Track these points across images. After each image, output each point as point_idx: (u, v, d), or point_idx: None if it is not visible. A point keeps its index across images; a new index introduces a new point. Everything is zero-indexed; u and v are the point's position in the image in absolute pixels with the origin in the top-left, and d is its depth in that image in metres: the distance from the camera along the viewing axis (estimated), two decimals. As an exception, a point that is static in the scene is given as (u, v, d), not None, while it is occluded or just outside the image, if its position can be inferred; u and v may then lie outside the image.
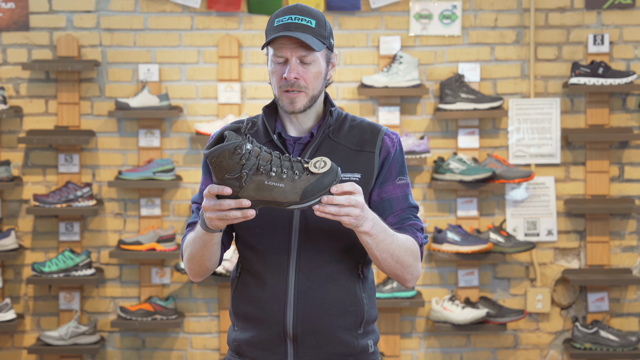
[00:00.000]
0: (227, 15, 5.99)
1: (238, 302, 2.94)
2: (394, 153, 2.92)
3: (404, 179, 2.94)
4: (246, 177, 2.62)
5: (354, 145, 2.90)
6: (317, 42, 2.84)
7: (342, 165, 2.87)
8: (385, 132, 2.94)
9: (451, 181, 5.82)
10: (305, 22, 2.83)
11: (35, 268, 5.82)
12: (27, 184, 6.00)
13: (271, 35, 2.84)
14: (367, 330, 2.93)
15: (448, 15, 5.97)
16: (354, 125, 2.95)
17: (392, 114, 5.95)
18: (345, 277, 2.88)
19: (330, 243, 2.86)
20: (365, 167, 2.89)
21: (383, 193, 2.91)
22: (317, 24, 2.84)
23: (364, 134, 2.92)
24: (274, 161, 2.64)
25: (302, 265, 2.85)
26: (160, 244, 5.85)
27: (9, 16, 5.96)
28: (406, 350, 6.02)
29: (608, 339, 5.79)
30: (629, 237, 6.00)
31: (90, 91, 6.00)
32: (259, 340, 2.90)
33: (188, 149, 6.00)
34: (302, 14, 2.84)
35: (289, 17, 2.83)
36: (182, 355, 6.03)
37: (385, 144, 2.92)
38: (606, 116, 5.95)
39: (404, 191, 2.92)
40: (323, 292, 2.84)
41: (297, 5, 2.88)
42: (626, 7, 5.96)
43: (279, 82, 2.86)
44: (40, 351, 5.84)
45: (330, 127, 2.92)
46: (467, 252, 5.79)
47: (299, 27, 2.82)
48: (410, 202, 2.94)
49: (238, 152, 2.61)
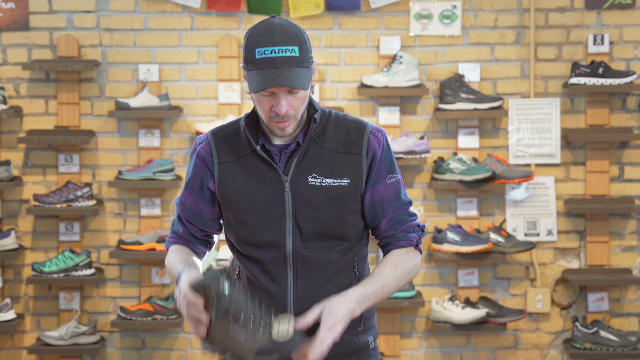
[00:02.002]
0: (227, 15, 5.99)
1: None
2: (381, 152, 2.88)
3: (394, 176, 2.90)
4: (215, 318, 2.65)
5: (340, 147, 2.86)
6: (305, 76, 2.76)
7: (331, 170, 2.84)
8: (370, 131, 2.89)
9: (451, 181, 5.82)
10: (289, 54, 2.73)
11: (35, 268, 5.82)
12: (27, 184, 6.00)
13: (259, 73, 2.73)
14: (366, 327, 2.94)
15: (448, 15, 5.97)
16: (339, 124, 2.89)
17: (392, 114, 5.95)
18: (341, 277, 2.88)
19: (325, 250, 2.86)
20: (354, 171, 2.85)
21: (374, 195, 2.88)
22: (300, 50, 2.75)
23: (349, 135, 2.87)
24: (245, 311, 2.63)
25: (299, 272, 2.85)
26: (160, 244, 5.85)
27: (9, 16, 5.96)
28: (406, 350, 6.02)
29: (608, 339, 5.80)
30: (629, 237, 6.00)
31: (90, 91, 6.00)
32: None
33: (188, 149, 6.00)
34: (284, 42, 2.73)
35: (272, 50, 2.72)
36: (182, 355, 6.03)
37: (371, 144, 2.87)
38: (606, 116, 5.96)
39: (395, 189, 2.90)
40: (321, 295, 2.84)
41: (275, 28, 2.76)
42: (626, 7, 5.96)
43: (267, 112, 2.78)
44: (40, 351, 5.85)
45: (315, 130, 2.87)
46: (467, 252, 5.79)
47: (285, 61, 2.72)
48: (402, 200, 2.91)
49: (212, 291, 2.63)
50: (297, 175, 2.83)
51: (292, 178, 2.83)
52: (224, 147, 2.89)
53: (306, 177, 2.83)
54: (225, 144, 2.89)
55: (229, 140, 2.89)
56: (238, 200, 2.86)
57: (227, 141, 2.89)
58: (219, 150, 2.89)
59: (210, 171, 2.90)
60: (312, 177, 2.83)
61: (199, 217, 2.95)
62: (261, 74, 2.73)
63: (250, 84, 2.77)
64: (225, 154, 2.89)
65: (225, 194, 2.88)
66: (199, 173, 2.92)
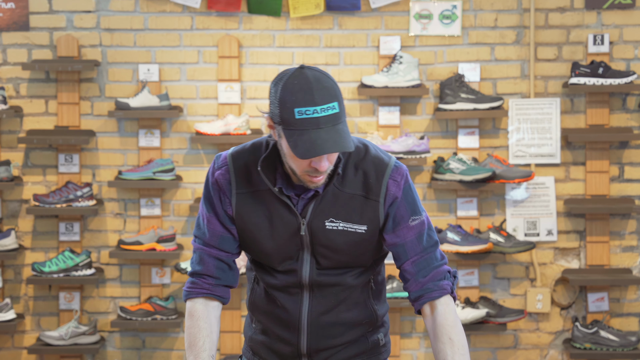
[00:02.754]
0: (227, 15, 5.98)
1: (254, 305, 2.94)
2: (402, 196, 2.78)
3: (417, 217, 2.80)
4: None
5: (359, 190, 2.77)
6: (348, 133, 2.65)
7: (348, 215, 2.77)
8: (390, 176, 2.78)
9: (451, 181, 5.82)
10: (331, 112, 2.61)
11: (35, 268, 5.82)
12: (27, 184, 6.00)
13: (303, 136, 2.60)
14: (376, 326, 2.95)
15: (448, 15, 5.97)
16: (358, 164, 2.77)
17: (392, 114, 5.95)
18: (357, 294, 2.88)
19: (341, 275, 2.84)
20: (371, 219, 2.78)
21: (396, 238, 2.80)
22: (339, 104, 2.63)
23: (368, 178, 2.77)
24: None
25: (315, 294, 2.84)
26: (160, 244, 5.85)
27: (9, 16, 5.96)
28: (406, 350, 6.02)
29: (608, 339, 5.79)
30: (629, 237, 6.00)
31: (90, 91, 6.00)
32: (274, 350, 2.92)
33: (188, 149, 6.00)
34: (325, 100, 2.60)
35: (314, 110, 2.60)
36: (182, 355, 6.03)
37: (390, 191, 2.77)
38: (606, 116, 5.95)
39: (418, 232, 2.80)
40: (336, 314, 2.85)
41: (312, 84, 2.62)
42: (626, 7, 5.96)
43: (304, 168, 2.68)
44: (40, 351, 5.84)
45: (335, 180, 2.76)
46: (467, 252, 5.79)
47: (328, 120, 2.60)
48: (425, 243, 2.81)
49: None
50: (314, 218, 2.77)
51: (310, 221, 2.77)
52: (242, 177, 2.80)
53: (323, 221, 2.77)
54: (245, 173, 2.80)
55: (248, 170, 2.80)
56: (254, 233, 2.81)
57: (247, 170, 2.80)
58: (238, 179, 2.80)
59: (228, 199, 2.82)
60: (329, 222, 2.77)
61: (230, 241, 2.85)
62: (306, 137, 2.60)
63: (293, 146, 2.61)
64: (243, 184, 2.80)
65: (242, 225, 2.82)
66: (218, 198, 2.83)
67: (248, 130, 5.85)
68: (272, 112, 2.66)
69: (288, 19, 5.97)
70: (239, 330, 6.01)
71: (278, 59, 5.98)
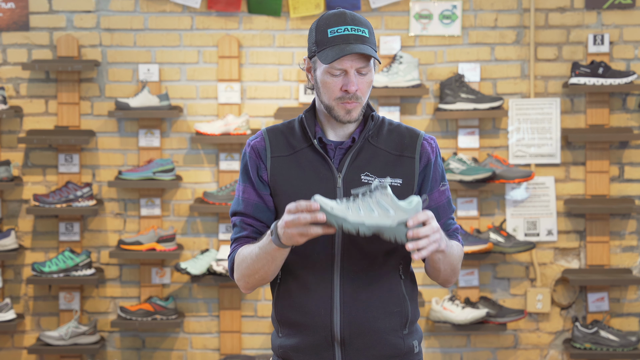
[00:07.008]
0: (227, 15, 5.99)
1: (282, 309, 2.94)
2: (435, 159, 2.94)
3: (445, 184, 2.97)
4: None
5: (394, 149, 2.91)
6: (375, 53, 2.84)
7: (384, 170, 2.88)
8: (423, 137, 2.94)
9: (451, 181, 5.82)
10: (361, 33, 2.82)
11: (35, 268, 5.82)
12: (27, 184, 6.00)
13: (333, 48, 2.81)
14: (411, 330, 2.95)
15: (448, 15, 5.97)
16: (392, 129, 2.95)
17: (392, 114, 5.95)
18: (388, 279, 2.90)
19: (372, 247, 2.86)
20: (406, 173, 2.90)
21: (431, 201, 2.93)
22: (369, 33, 2.85)
23: (402, 138, 2.93)
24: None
25: (346, 269, 2.86)
26: (160, 244, 5.85)
27: (9, 16, 5.96)
28: (406, 350, 6.02)
29: (608, 339, 5.80)
30: (629, 237, 6.00)
31: (90, 91, 6.00)
32: (306, 346, 2.90)
33: (188, 149, 6.00)
34: (356, 24, 2.83)
35: (345, 28, 2.82)
36: (182, 355, 6.03)
37: (425, 149, 2.93)
38: (606, 116, 5.96)
39: (447, 196, 2.97)
40: (368, 295, 2.86)
41: (344, 12, 2.86)
42: (626, 7, 5.96)
43: (336, 93, 2.84)
44: (40, 351, 5.85)
45: (370, 131, 2.92)
46: (467, 252, 5.79)
47: (358, 38, 2.81)
48: (452, 207, 3.00)
49: None
50: (350, 172, 2.87)
51: (345, 175, 2.87)
52: (278, 142, 2.93)
53: (359, 174, 2.87)
54: (280, 139, 2.94)
55: (284, 136, 2.94)
56: (289, 194, 2.87)
57: (282, 136, 2.94)
58: (273, 144, 2.93)
59: (264, 164, 2.92)
60: (364, 175, 2.87)
61: (265, 210, 2.94)
62: (336, 48, 2.80)
63: (324, 59, 2.81)
64: (278, 149, 2.92)
65: (277, 187, 2.90)
66: (254, 165, 2.94)
67: (248, 130, 5.86)
68: (309, 48, 2.87)
69: (288, 19, 5.97)
70: (239, 330, 6.01)
71: (278, 59, 5.99)
